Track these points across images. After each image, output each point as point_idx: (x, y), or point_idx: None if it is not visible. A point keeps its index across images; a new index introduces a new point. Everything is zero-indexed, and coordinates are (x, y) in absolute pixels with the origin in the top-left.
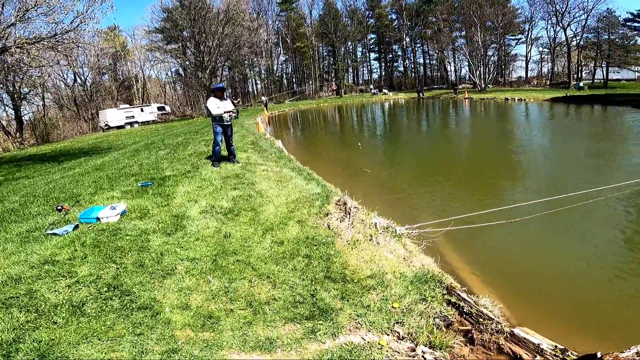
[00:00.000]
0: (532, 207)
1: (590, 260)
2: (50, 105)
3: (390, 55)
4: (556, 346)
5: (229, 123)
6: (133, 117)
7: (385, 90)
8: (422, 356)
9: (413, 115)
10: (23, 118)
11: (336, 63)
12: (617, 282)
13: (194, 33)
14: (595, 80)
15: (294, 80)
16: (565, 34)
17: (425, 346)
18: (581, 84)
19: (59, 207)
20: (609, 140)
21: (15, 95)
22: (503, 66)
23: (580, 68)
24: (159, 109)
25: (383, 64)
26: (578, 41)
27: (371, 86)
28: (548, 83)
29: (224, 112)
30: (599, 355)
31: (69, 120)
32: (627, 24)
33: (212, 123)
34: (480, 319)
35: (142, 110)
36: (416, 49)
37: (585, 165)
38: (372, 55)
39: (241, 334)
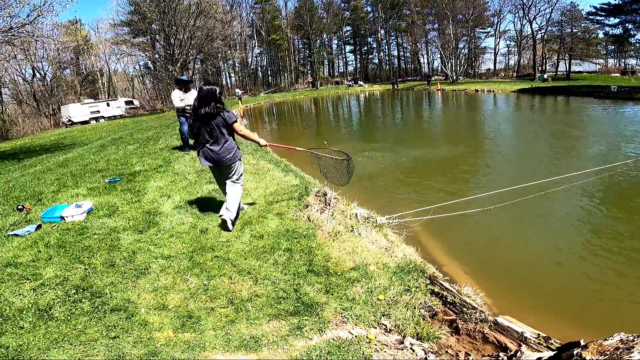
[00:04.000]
0: (506, 194)
1: (567, 246)
2: (8, 101)
3: (366, 48)
4: (539, 334)
5: None
6: (98, 111)
7: (361, 82)
8: (411, 348)
9: (388, 106)
10: None
11: (312, 55)
12: (593, 269)
13: (164, 26)
14: (558, 72)
15: (269, 72)
16: (531, 27)
17: (413, 338)
18: (545, 76)
19: (19, 207)
20: (574, 129)
21: None
22: (473, 58)
23: (544, 60)
24: (127, 103)
25: (358, 57)
26: (543, 34)
27: (349, 77)
28: (515, 75)
29: (186, 106)
30: (582, 342)
31: (28, 116)
32: (590, 17)
33: (177, 114)
34: (464, 309)
35: (108, 104)
36: (391, 41)
37: (554, 153)
38: (348, 47)
39: (224, 333)
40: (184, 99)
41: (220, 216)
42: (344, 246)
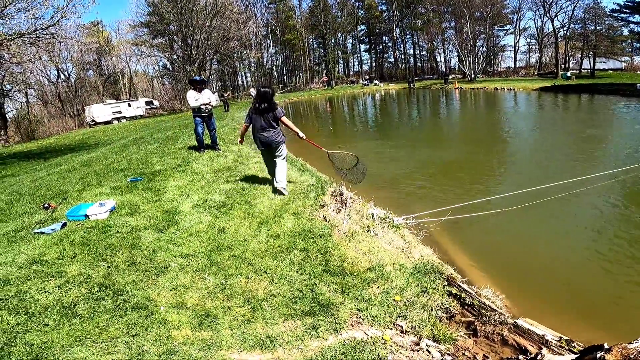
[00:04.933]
0: (526, 195)
1: (589, 248)
2: (34, 102)
3: (381, 47)
4: (561, 337)
5: (208, 113)
6: (120, 112)
7: (376, 81)
8: (427, 350)
9: (405, 105)
10: (7, 115)
11: (327, 55)
12: (616, 272)
13: (181, 27)
14: (582, 70)
15: (284, 72)
16: (553, 25)
17: (429, 339)
18: (568, 74)
19: (45, 205)
20: (597, 128)
21: None
22: (492, 56)
23: (567, 58)
24: (147, 103)
25: (373, 55)
26: (565, 32)
27: (366, 76)
28: (536, 73)
29: (201, 105)
30: (606, 345)
31: (54, 116)
32: (614, 14)
33: (193, 114)
34: (483, 311)
35: (129, 105)
36: (406, 40)
37: (576, 153)
38: (363, 46)
39: (240, 332)
40: (198, 98)
41: (275, 187)
42: (360, 246)
